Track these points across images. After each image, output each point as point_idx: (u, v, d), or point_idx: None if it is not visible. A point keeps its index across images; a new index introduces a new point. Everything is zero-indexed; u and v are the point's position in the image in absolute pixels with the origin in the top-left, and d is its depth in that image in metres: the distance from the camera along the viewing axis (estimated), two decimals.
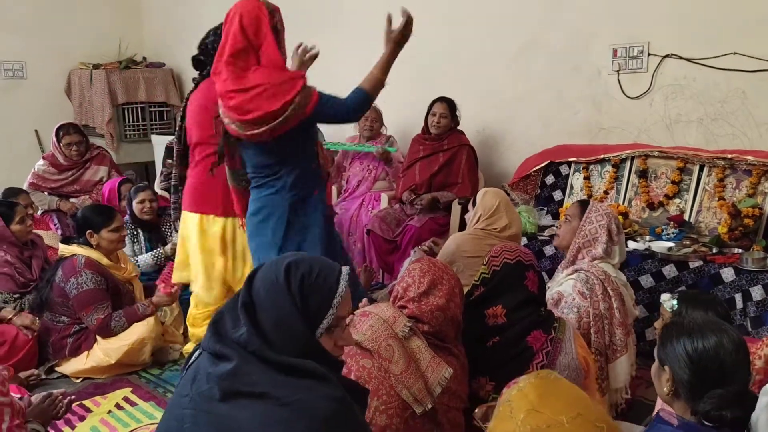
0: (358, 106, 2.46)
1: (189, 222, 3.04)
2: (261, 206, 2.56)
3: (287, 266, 1.37)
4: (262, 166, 2.52)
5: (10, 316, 3.07)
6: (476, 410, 1.73)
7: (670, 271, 3.05)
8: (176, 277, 3.18)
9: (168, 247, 3.76)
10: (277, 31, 2.44)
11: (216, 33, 2.84)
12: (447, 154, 4.13)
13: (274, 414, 1.27)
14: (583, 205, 2.63)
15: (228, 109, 2.39)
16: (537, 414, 1.30)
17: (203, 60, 2.92)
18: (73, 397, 2.33)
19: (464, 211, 3.45)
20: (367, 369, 1.77)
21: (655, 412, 1.55)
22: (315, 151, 2.57)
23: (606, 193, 3.73)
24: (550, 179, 4.04)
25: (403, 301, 1.94)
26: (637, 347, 2.69)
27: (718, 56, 3.42)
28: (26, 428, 1.96)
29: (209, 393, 1.31)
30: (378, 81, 2.49)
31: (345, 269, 1.43)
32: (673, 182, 3.50)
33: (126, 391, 2.92)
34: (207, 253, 3.01)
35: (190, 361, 1.45)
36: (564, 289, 2.44)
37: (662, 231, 3.35)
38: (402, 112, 4.70)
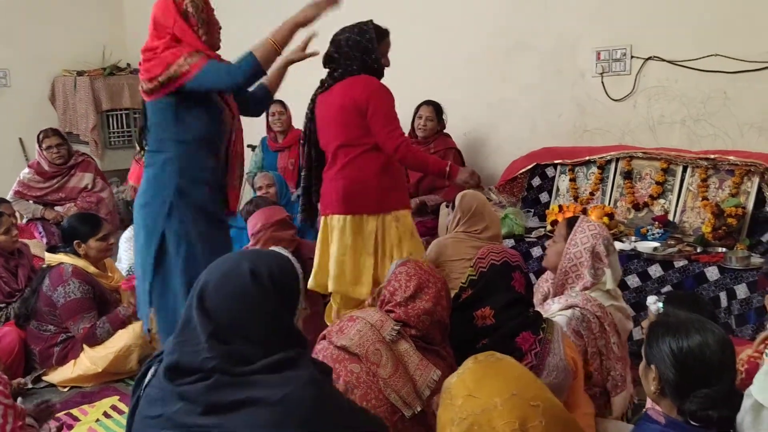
0: (242, 76, 2.31)
1: (336, 224, 2.82)
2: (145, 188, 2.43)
3: (250, 271, 1.35)
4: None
5: None
6: (434, 398, 1.76)
7: (655, 270, 3.09)
8: (312, 284, 2.91)
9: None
10: (188, 14, 2.36)
11: (352, 30, 2.79)
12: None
13: (264, 415, 1.27)
14: (570, 224, 2.48)
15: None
16: (473, 399, 1.33)
17: (336, 57, 2.79)
18: (55, 402, 2.31)
19: None
20: (355, 374, 1.77)
21: (643, 411, 1.56)
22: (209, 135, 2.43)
23: (592, 194, 3.76)
24: (536, 181, 4.07)
25: (390, 306, 1.93)
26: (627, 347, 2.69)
27: (700, 58, 3.47)
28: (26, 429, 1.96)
29: (187, 409, 1.28)
30: (271, 50, 2.32)
31: (286, 252, 1.51)
32: (657, 183, 3.54)
33: (113, 400, 2.90)
34: (359, 252, 2.81)
35: (147, 380, 1.40)
36: (557, 321, 2.27)
37: (647, 231, 3.39)
38: None
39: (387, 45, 2.87)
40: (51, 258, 3.12)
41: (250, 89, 2.57)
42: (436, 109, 4.17)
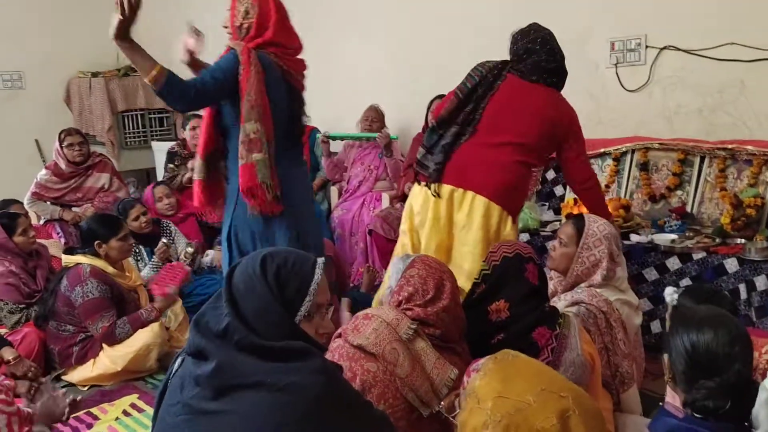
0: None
1: (478, 204, 2.60)
2: None
3: (263, 258, 1.44)
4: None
5: (9, 358, 2.90)
6: (441, 402, 1.76)
7: (673, 263, 3.05)
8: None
9: (156, 258, 3.71)
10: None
11: (549, 44, 2.87)
12: None
13: (270, 400, 1.29)
14: (578, 226, 2.47)
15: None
16: (504, 400, 1.34)
17: (536, 58, 2.84)
18: (78, 397, 2.33)
19: None
20: (372, 372, 1.76)
21: (660, 405, 1.55)
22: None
23: (607, 186, 3.73)
24: (550, 174, 4.03)
25: (409, 305, 1.92)
26: (644, 340, 2.67)
27: (716, 47, 3.41)
28: None
29: (200, 395, 1.33)
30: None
31: (320, 260, 1.50)
32: (674, 174, 3.49)
33: (133, 398, 2.93)
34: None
35: (174, 370, 1.48)
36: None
37: (665, 223, 3.35)
38: (403, 113, 4.70)
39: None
40: (68, 259, 3.15)
41: None
42: None
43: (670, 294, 2.05)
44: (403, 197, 4.22)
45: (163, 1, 5.88)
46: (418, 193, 2.73)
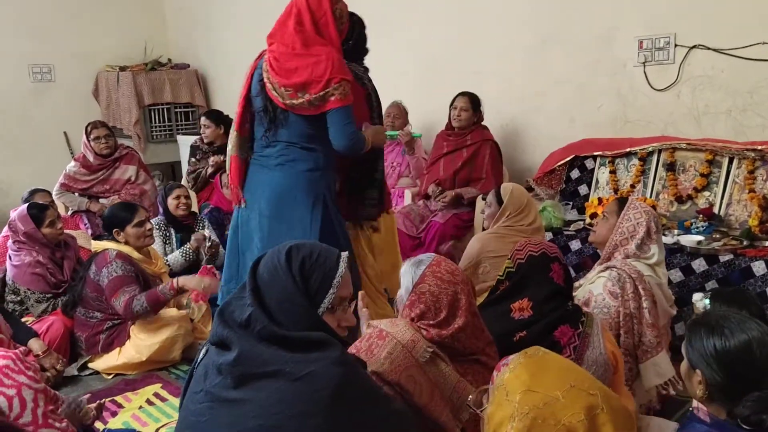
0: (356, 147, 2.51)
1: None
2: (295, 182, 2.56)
3: (288, 250, 1.46)
4: (291, 142, 2.54)
5: (38, 352, 2.95)
6: (469, 397, 1.71)
7: (699, 265, 3.01)
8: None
9: (191, 243, 3.78)
10: (336, 17, 2.48)
11: None
12: (470, 150, 4.12)
13: (289, 389, 1.31)
14: (622, 202, 2.59)
15: (278, 70, 2.41)
16: (532, 393, 1.34)
17: None
18: (104, 400, 2.38)
19: None
20: (390, 395, 1.67)
21: (689, 410, 1.52)
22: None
23: (633, 186, 3.69)
24: (575, 174, 4.01)
25: (423, 324, 1.80)
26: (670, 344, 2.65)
27: (746, 46, 3.36)
28: (59, 416, 2.01)
29: (222, 383, 1.36)
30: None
31: (344, 254, 1.51)
32: (701, 175, 3.44)
33: (156, 387, 2.97)
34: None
35: (199, 360, 1.50)
36: (594, 288, 2.39)
37: (691, 224, 3.31)
38: (426, 110, 4.70)
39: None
40: (97, 245, 3.24)
41: None
42: (472, 100, 4.14)
43: (700, 299, 2.02)
44: (425, 195, 4.22)
45: None
46: None
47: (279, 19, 2.51)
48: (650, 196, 3.61)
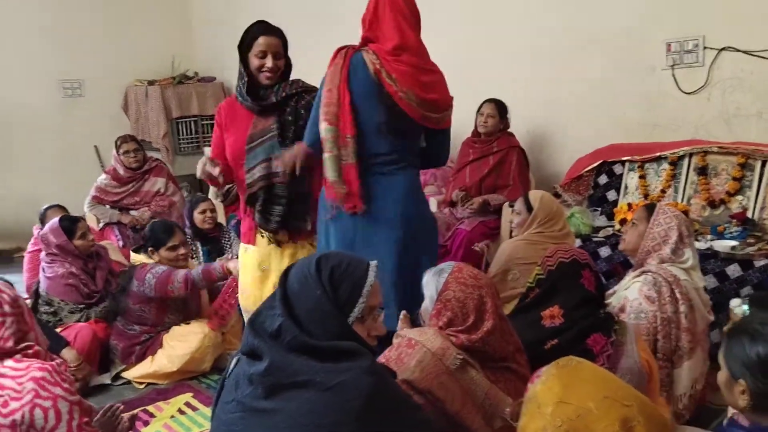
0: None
1: None
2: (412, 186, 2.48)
3: (318, 259, 1.47)
4: (407, 151, 2.47)
5: (72, 364, 2.99)
6: (506, 409, 1.69)
7: (734, 270, 2.95)
8: None
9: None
10: None
11: None
12: (497, 157, 4.09)
13: (320, 399, 1.31)
14: (650, 208, 2.56)
15: (413, 83, 2.31)
16: (565, 405, 1.31)
17: None
18: (137, 411, 2.40)
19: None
20: (420, 403, 1.67)
21: (728, 416, 1.49)
22: None
23: (663, 191, 3.63)
24: (603, 179, 3.96)
25: (451, 331, 1.78)
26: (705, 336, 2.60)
27: None
28: (93, 427, 2.03)
29: (253, 393, 1.36)
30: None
31: (374, 263, 1.51)
32: (734, 179, 3.38)
33: (187, 396, 3.00)
34: None
35: (230, 370, 1.51)
36: (630, 293, 2.36)
37: (724, 229, 3.24)
38: (452, 117, 4.69)
39: (256, 48, 2.52)
40: (136, 257, 3.35)
41: None
42: (499, 106, 4.12)
43: (738, 305, 1.98)
44: (450, 202, 4.21)
45: None
46: None
47: (388, 18, 2.34)
48: (682, 201, 3.55)
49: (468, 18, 4.62)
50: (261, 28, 2.53)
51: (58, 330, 3.22)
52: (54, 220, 3.47)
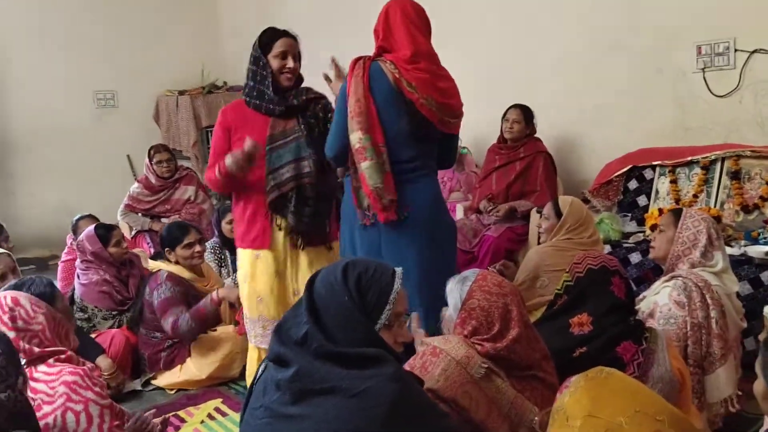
0: None
1: None
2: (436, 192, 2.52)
3: (345, 266, 1.47)
4: (428, 156, 2.49)
5: (106, 372, 3.01)
6: (534, 418, 1.67)
7: None
8: None
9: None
10: None
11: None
12: (523, 162, 4.07)
13: (346, 406, 1.31)
14: (677, 213, 2.53)
15: (432, 89, 2.34)
16: (594, 419, 1.26)
17: None
18: (168, 416, 2.44)
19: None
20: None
21: (764, 426, 1.45)
22: None
23: (695, 196, 3.56)
24: (633, 184, 3.90)
25: (477, 339, 1.77)
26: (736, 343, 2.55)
27: None
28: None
29: (281, 399, 1.37)
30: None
31: (399, 269, 1.51)
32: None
33: (217, 402, 3.03)
34: None
35: (258, 375, 1.53)
36: (659, 298, 2.33)
37: (759, 235, 3.17)
38: (477, 123, 4.66)
39: (276, 49, 2.58)
40: (153, 265, 3.37)
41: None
42: (525, 112, 4.10)
43: None
44: (477, 209, 4.19)
45: None
46: None
47: (400, 28, 2.38)
48: (714, 206, 3.48)
49: (495, 25, 4.61)
50: (279, 31, 2.59)
51: (92, 336, 3.29)
52: (90, 228, 3.55)
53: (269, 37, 2.58)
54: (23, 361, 1.90)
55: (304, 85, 2.65)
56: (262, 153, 2.50)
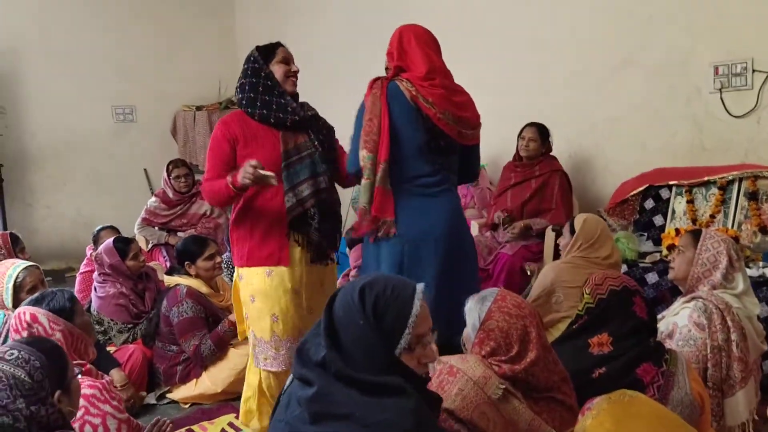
0: None
1: None
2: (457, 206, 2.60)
3: (362, 287, 1.43)
4: (448, 170, 2.55)
5: (118, 384, 2.99)
6: None
7: None
8: None
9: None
10: None
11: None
12: (539, 180, 4.07)
13: None
14: (696, 234, 2.52)
15: (448, 104, 2.43)
16: None
17: None
18: (183, 430, 2.44)
19: (558, 236, 3.38)
20: None
21: None
22: None
23: (713, 217, 3.54)
24: (649, 203, 3.89)
25: (495, 360, 1.77)
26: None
27: None
28: None
29: (301, 416, 1.37)
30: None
31: (420, 286, 1.45)
32: None
33: (230, 417, 3.03)
34: None
35: (286, 387, 1.52)
36: (679, 319, 2.32)
37: None
38: (492, 141, 4.68)
39: (279, 55, 2.58)
40: (169, 280, 3.36)
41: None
42: (540, 130, 4.11)
43: None
44: (492, 225, 4.19)
45: None
46: None
47: (414, 48, 2.47)
48: (732, 227, 3.46)
49: (510, 43, 4.63)
50: (273, 43, 2.63)
51: (110, 350, 3.30)
52: (108, 241, 3.58)
53: (267, 47, 2.61)
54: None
55: (301, 100, 2.67)
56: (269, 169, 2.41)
